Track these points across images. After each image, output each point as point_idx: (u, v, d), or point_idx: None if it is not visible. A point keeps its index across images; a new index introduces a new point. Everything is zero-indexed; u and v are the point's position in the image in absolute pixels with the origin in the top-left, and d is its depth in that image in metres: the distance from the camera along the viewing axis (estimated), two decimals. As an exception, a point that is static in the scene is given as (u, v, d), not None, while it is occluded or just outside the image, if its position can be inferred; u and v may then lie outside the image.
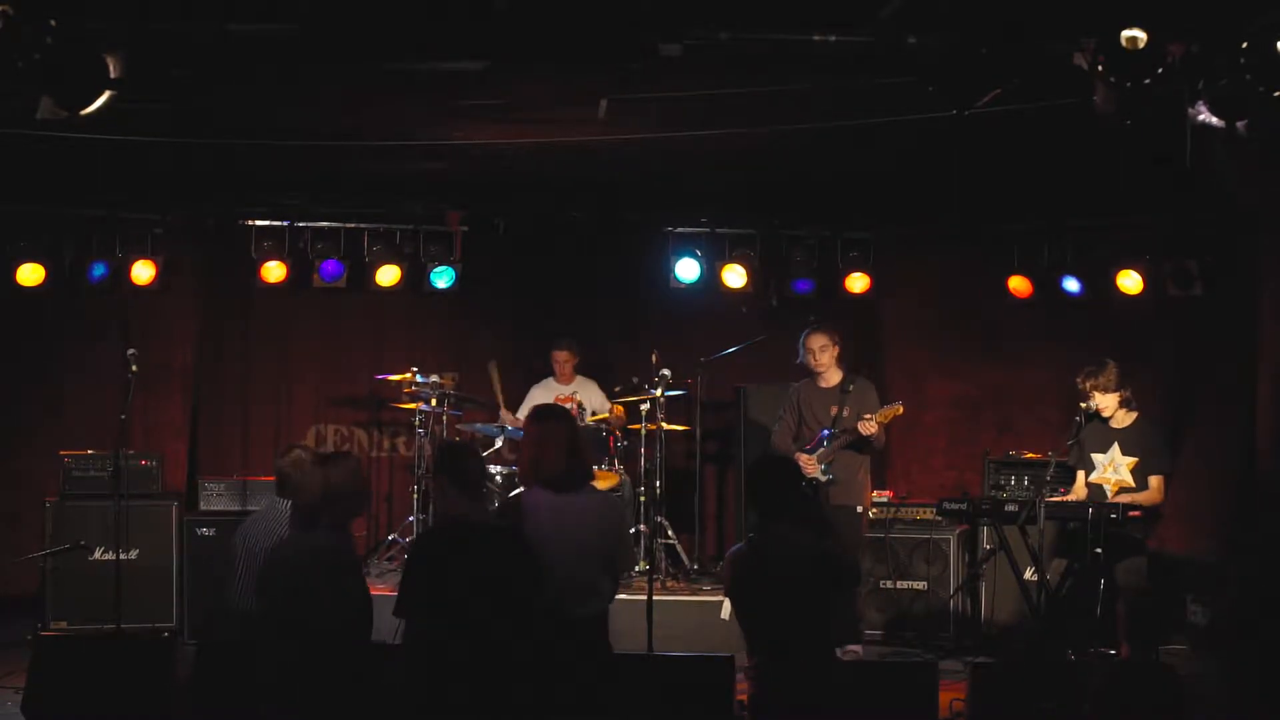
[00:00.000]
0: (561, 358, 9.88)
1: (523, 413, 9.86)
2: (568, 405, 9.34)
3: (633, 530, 8.89)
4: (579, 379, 9.99)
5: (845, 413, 8.23)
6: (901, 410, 8.18)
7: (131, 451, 8.82)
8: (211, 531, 8.81)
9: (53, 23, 5.44)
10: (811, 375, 8.48)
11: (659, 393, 9.29)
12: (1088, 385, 7.90)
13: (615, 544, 5.38)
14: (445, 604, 4.80)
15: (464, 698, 4.74)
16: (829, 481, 8.18)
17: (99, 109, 5.74)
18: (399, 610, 4.87)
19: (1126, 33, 5.58)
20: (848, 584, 6.27)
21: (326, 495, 5.29)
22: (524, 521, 5.24)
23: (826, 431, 8.26)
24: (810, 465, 8.13)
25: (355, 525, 9.47)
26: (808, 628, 5.46)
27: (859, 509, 8.28)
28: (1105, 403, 7.89)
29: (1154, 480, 7.83)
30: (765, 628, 5.49)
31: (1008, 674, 6.31)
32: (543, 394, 9.93)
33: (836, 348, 8.38)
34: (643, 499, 9.23)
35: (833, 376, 8.39)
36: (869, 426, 8.07)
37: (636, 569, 8.63)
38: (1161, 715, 5.51)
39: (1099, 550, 7.45)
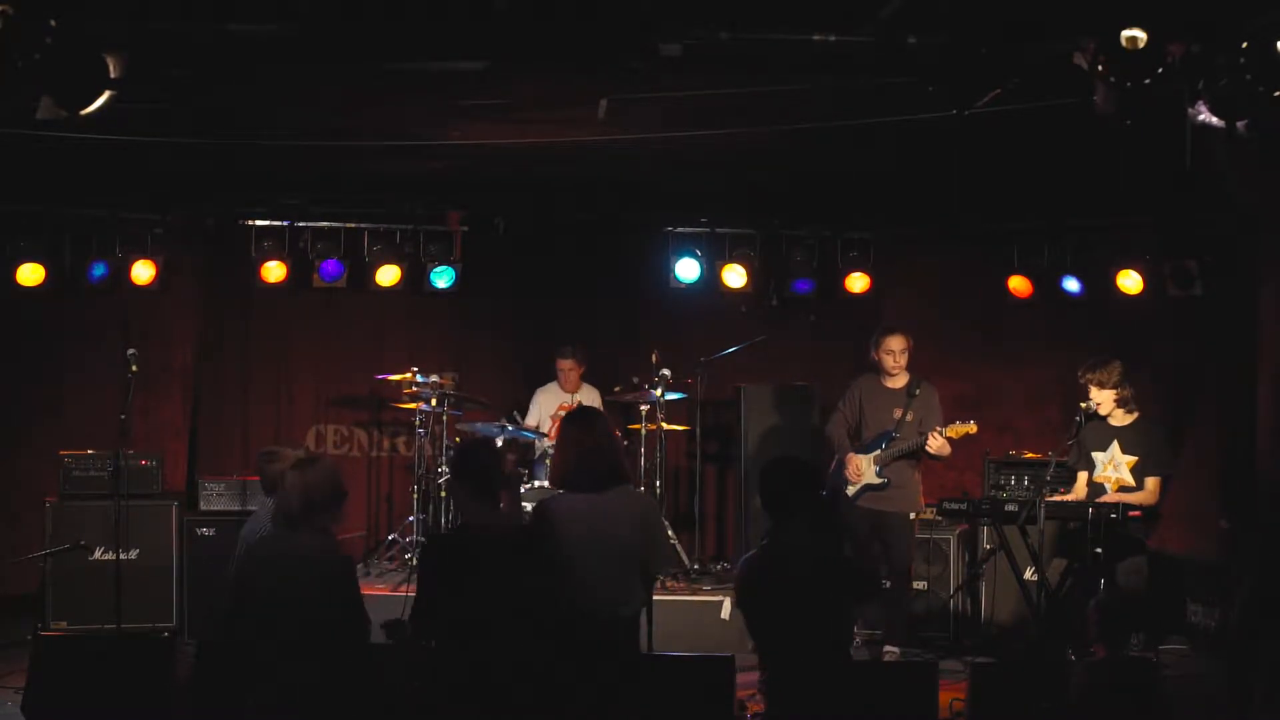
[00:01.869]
0: (566, 366, 9.86)
1: (531, 417, 9.90)
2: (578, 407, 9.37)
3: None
4: (585, 388, 9.98)
5: (909, 417, 8.15)
6: (974, 429, 8.07)
7: (131, 451, 8.81)
8: (211, 531, 8.82)
9: (53, 23, 5.43)
10: (877, 373, 8.42)
11: (659, 392, 9.31)
12: (1087, 378, 7.89)
13: (646, 543, 5.26)
14: (451, 616, 4.83)
15: (473, 704, 4.75)
16: (881, 485, 8.13)
17: (99, 109, 5.74)
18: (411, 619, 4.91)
19: (1126, 33, 5.58)
20: (863, 593, 6.24)
21: (305, 501, 5.21)
22: (544, 524, 5.26)
23: (887, 434, 8.18)
24: (856, 470, 8.10)
25: (353, 526, 9.51)
26: (817, 636, 5.41)
27: (911, 515, 8.24)
28: (1101, 398, 7.87)
29: (1150, 482, 7.82)
30: (775, 635, 5.45)
31: (1008, 674, 6.31)
32: (546, 400, 9.94)
33: (910, 347, 8.32)
34: (643, 499, 9.23)
35: (900, 378, 8.32)
36: (938, 443, 7.99)
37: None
38: (1140, 710, 5.52)
39: (1099, 550, 7.45)
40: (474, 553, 4.88)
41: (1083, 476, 8.02)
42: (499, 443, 9.55)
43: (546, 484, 8.58)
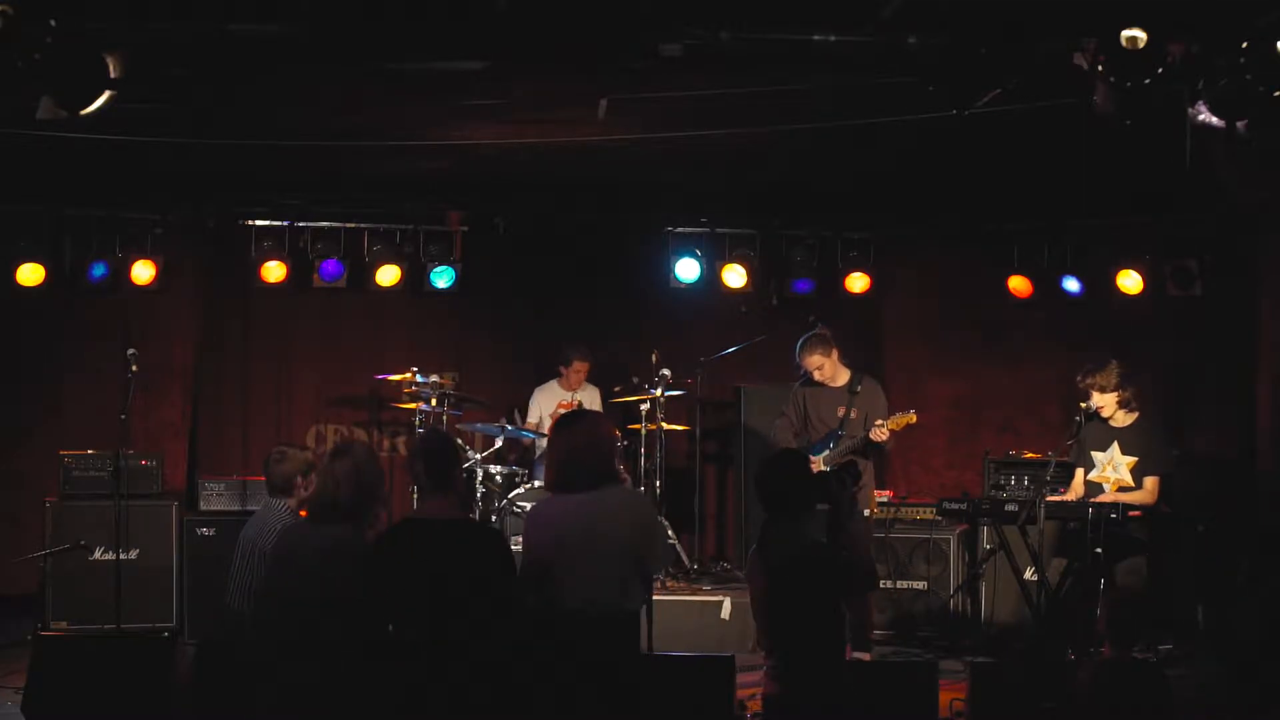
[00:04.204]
0: (581, 368, 9.84)
1: (532, 415, 9.90)
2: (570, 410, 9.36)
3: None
4: (585, 387, 9.98)
5: (853, 415, 8.00)
6: (915, 419, 7.92)
7: (131, 451, 8.80)
8: (211, 531, 8.80)
9: (53, 23, 5.44)
10: None
11: (659, 393, 9.30)
12: (1087, 383, 7.88)
13: (641, 542, 5.23)
14: (395, 602, 4.89)
15: (427, 693, 4.77)
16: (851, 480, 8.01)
17: (99, 109, 5.74)
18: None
19: (1126, 33, 5.59)
20: (852, 587, 6.21)
21: (360, 488, 5.19)
22: (531, 524, 5.27)
23: (834, 433, 8.08)
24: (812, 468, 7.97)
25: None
26: (809, 629, 5.42)
27: (866, 513, 8.01)
28: (1103, 402, 7.86)
29: (1148, 481, 7.81)
30: (772, 627, 5.47)
31: (1008, 674, 6.31)
32: (546, 397, 9.94)
33: (833, 354, 8.09)
34: (643, 499, 9.24)
35: (840, 376, 8.17)
36: (881, 434, 7.81)
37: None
38: (1145, 711, 5.53)
39: (1099, 550, 7.45)
40: (413, 540, 4.94)
41: (1080, 474, 8.02)
42: (499, 443, 9.56)
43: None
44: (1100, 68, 5.67)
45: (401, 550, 4.95)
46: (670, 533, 9.49)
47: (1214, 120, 5.77)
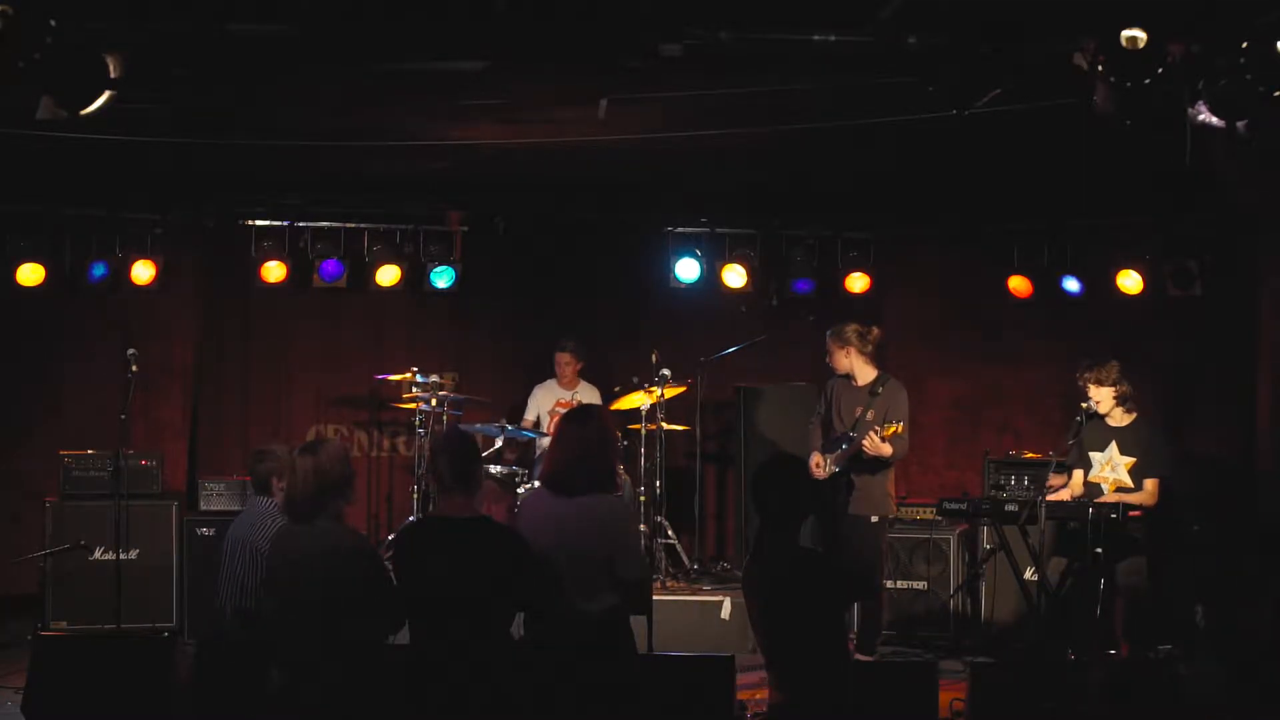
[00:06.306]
0: (563, 359, 9.86)
1: (529, 413, 9.90)
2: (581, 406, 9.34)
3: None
4: (583, 384, 9.97)
5: (869, 416, 7.86)
6: (900, 429, 7.72)
7: (131, 451, 8.81)
8: (211, 531, 8.80)
9: (53, 23, 5.44)
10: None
11: (659, 393, 9.30)
12: (1085, 378, 7.86)
13: (610, 547, 5.17)
14: (411, 600, 4.90)
15: (435, 694, 4.78)
16: (845, 486, 7.97)
17: (99, 109, 5.74)
18: None
19: (1126, 33, 5.59)
20: (851, 595, 6.18)
21: (319, 484, 5.20)
22: (518, 520, 5.28)
23: (846, 435, 7.92)
24: (818, 466, 7.88)
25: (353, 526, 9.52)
26: (809, 637, 5.40)
27: (874, 519, 7.86)
28: (1100, 396, 7.84)
29: (1149, 483, 7.80)
30: (768, 639, 5.45)
31: (1008, 674, 6.31)
32: (544, 396, 9.94)
33: (848, 350, 7.99)
34: (643, 499, 9.24)
35: (863, 376, 8.05)
36: (872, 443, 7.65)
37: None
38: (1159, 713, 5.53)
39: (1099, 550, 7.45)
40: (433, 538, 4.95)
41: (1078, 474, 8.02)
42: (498, 442, 9.56)
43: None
44: (1100, 68, 5.67)
45: (421, 547, 4.96)
46: (670, 533, 9.51)
47: (1214, 120, 5.77)
